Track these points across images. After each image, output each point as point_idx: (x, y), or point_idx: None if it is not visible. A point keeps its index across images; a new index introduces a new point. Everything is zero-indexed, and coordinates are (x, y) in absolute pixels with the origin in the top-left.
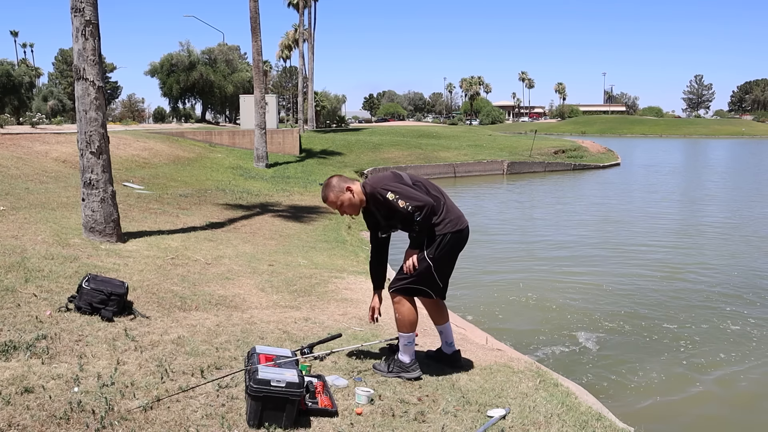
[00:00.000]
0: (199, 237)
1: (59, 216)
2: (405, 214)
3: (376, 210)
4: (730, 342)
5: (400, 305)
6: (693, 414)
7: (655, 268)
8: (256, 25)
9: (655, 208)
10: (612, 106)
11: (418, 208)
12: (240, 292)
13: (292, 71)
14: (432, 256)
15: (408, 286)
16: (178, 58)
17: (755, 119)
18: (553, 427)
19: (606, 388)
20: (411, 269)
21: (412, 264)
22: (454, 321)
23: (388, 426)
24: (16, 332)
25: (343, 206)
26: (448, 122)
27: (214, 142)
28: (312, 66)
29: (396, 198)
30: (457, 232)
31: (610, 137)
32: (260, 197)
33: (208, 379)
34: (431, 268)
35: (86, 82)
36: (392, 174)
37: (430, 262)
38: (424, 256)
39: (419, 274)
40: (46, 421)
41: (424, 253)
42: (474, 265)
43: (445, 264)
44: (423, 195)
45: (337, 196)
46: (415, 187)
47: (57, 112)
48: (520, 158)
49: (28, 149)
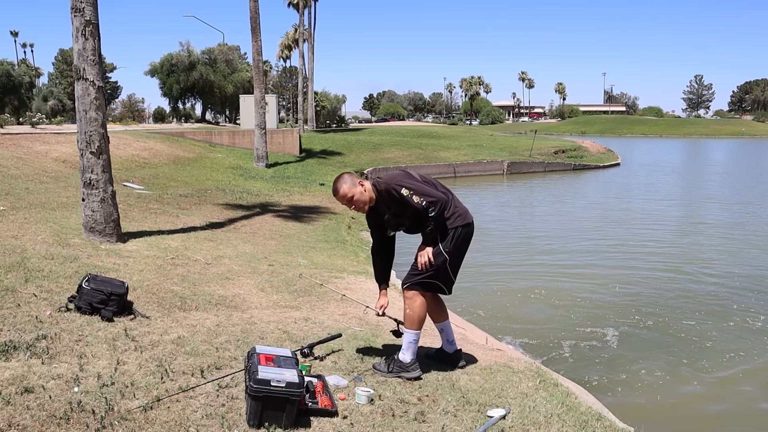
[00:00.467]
0: (199, 237)
1: (59, 216)
2: (417, 210)
3: (386, 207)
4: (733, 342)
5: (412, 300)
6: (694, 414)
7: (656, 267)
8: (256, 25)
9: (655, 207)
10: (612, 106)
11: (432, 204)
12: (240, 292)
13: (292, 71)
14: (448, 250)
15: (424, 281)
16: (178, 58)
17: (755, 119)
18: (553, 427)
19: (606, 387)
20: (427, 265)
21: (428, 259)
22: (454, 321)
23: (388, 426)
24: (16, 332)
25: (353, 200)
26: (448, 122)
27: (214, 142)
28: (312, 66)
29: (411, 194)
30: (467, 225)
31: (610, 137)
32: (260, 197)
33: (208, 379)
34: (447, 261)
35: (86, 82)
36: (404, 172)
37: (446, 255)
38: (440, 250)
39: (436, 268)
40: (46, 421)
41: (440, 247)
42: (474, 265)
43: (458, 258)
44: (435, 191)
45: (349, 188)
46: (425, 185)
47: (57, 112)
48: (520, 158)
49: (28, 149)
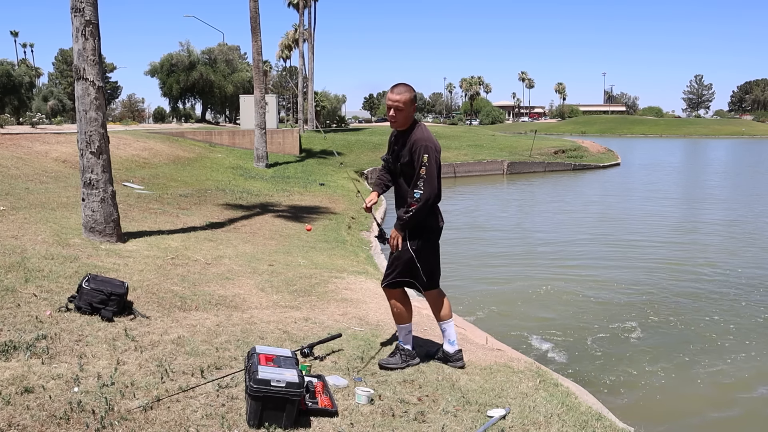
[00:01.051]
0: (199, 237)
1: (59, 216)
2: (411, 176)
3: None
4: (733, 341)
5: (392, 299)
6: (694, 414)
7: (656, 267)
8: (256, 25)
9: (655, 207)
10: (612, 106)
11: (424, 195)
12: (240, 292)
13: (292, 71)
14: (415, 248)
15: (395, 280)
16: (178, 58)
17: (755, 119)
18: (553, 427)
19: (606, 387)
20: (395, 248)
21: (396, 244)
22: (454, 321)
23: (388, 426)
24: (16, 332)
25: (400, 102)
26: (448, 122)
27: (214, 142)
28: (312, 66)
29: (424, 164)
30: (439, 226)
31: (610, 137)
32: (260, 197)
33: (208, 379)
34: (414, 259)
35: (86, 82)
36: (437, 144)
37: (412, 253)
38: (407, 246)
39: (403, 264)
40: (46, 421)
41: (408, 244)
42: (474, 265)
43: (429, 255)
44: (436, 185)
45: (408, 90)
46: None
47: (57, 112)
48: (520, 158)
49: (28, 149)
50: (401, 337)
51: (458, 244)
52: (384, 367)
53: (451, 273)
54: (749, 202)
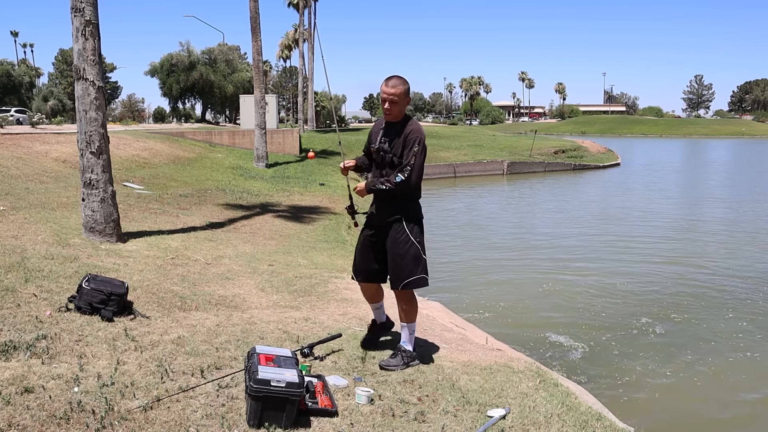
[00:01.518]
0: (199, 237)
1: (59, 216)
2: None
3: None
4: (734, 341)
5: (412, 297)
6: (695, 414)
7: (656, 267)
8: (256, 25)
9: (655, 206)
10: (612, 106)
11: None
12: (240, 292)
13: (292, 71)
14: (419, 240)
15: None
16: (178, 58)
17: (755, 119)
18: (553, 427)
19: (606, 387)
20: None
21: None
22: (454, 321)
23: (388, 426)
24: (16, 332)
25: (395, 95)
26: (448, 122)
27: (214, 142)
28: (312, 66)
29: (415, 153)
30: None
31: (610, 137)
32: (260, 197)
33: (208, 379)
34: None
35: (86, 82)
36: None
37: (418, 245)
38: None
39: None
40: (46, 421)
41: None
42: (474, 264)
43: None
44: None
45: (402, 82)
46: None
47: (57, 112)
48: (520, 158)
49: (28, 149)
50: (405, 338)
51: (458, 243)
52: (384, 368)
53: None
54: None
